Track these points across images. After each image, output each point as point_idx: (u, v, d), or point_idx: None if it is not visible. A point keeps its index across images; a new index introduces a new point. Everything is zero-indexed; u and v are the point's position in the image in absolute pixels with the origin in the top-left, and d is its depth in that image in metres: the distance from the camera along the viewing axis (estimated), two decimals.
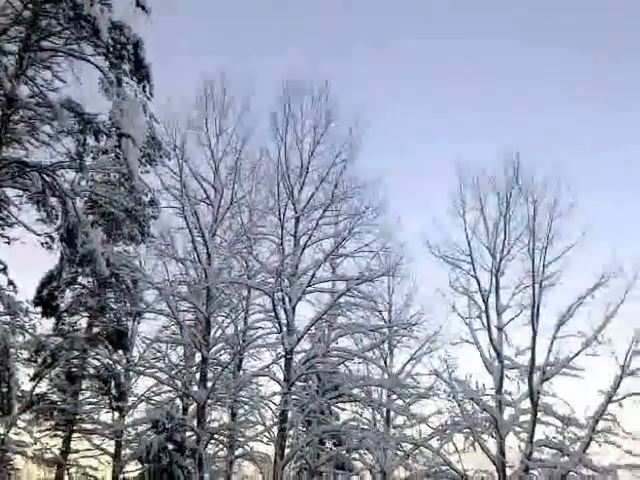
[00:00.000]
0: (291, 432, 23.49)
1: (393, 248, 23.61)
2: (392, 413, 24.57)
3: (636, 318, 21.24)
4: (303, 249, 23.10)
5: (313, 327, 23.35)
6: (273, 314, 22.37)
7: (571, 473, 20.62)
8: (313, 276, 22.84)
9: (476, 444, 21.61)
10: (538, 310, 21.66)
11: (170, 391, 24.12)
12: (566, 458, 20.91)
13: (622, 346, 21.28)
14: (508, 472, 21.30)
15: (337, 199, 23.30)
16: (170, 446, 20.23)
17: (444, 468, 22.09)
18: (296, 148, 23.44)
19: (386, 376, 24.29)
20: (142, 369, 23.57)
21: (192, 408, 23.47)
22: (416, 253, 24.34)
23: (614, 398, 20.92)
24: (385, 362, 25.07)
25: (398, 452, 23.83)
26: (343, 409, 25.57)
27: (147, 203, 20.48)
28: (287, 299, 22.32)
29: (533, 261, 22.02)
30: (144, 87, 14.41)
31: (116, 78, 13.15)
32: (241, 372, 24.32)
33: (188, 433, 21.83)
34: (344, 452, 24.92)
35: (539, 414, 21.27)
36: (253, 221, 23.23)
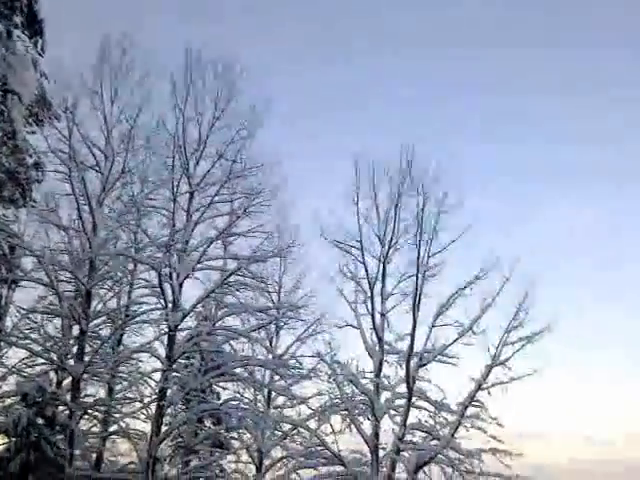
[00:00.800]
0: (169, 410, 23.21)
1: (287, 230, 23.88)
2: (273, 393, 24.77)
3: (510, 311, 22.58)
4: (195, 225, 22.70)
5: (200, 305, 23.09)
6: (159, 290, 21.84)
7: (439, 456, 21.61)
8: (204, 253, 22.52)
9: (352, 426, 22.25)
10: (420, 299, 22.52)
11: (44, 364, 23.07)
12: (435, 441, 21.95)
13: (495, 337, 22.59)
14: (381, 453, 22.12)
15: (234, 177, 23.02)
16: (40, 421, 19.38)
17: (320, 448, 22.59)
18: (195, 121, 22.88)
19: (270, 357, 24.45)
20: (15, 340, 22.34)
21: (67, 382, 22.59)
22: (309, 236, 24.48)
23: (484, 386, 22.13)
24: (270, 343, 25.19)
25: (276, 432, 24.09)
26: (225, 388, 25.54)
27: (31, 165, 19.27)
28: (175, 275, 21.88)
29: (419, 251, 22.83)
30: (36, 42, 13.58)
31: (6, 30, 12.26)
32: (121, 347, 23.66)
33: (60, 408, 20.99)
34: (223, 431, 24.90)
35: (414, 399, 22.17)
36: (144, 193, 22.50)
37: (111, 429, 23.89)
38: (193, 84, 22.87)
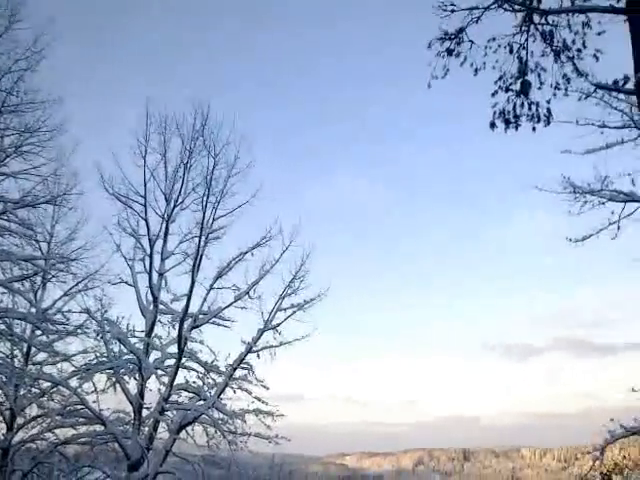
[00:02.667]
0: None
1: (65, 176, 22.13)
2: (33, 349, 23.16)
3: (286, 278, 23.29)
4: None
5: None
6: None
7: (203, 416, 21.76)
8: None
9: (117, 385, 21.59)
10: (200, 260, 22.34)
11: None
12: (201, 402, 22.07)
13: (270, 303, 23.20)
14: (145, 413, 21.79)
15: (7, 111, 20.73)
16: None
17: (79, 407, 21.63)
18: None
19: (33, 310, 22.72)
20: None
21: None
22: (89, 186, 22.96)
23: (254, 349, 22.68)
24: (35, 296, 23.46)
25: (34, 389, 22.63)
26: None
27: None
28: None
29: (204, 213, 22.54)
30: None
31: None
32: None
33: None
34: None
35: (184, 359, 22.11)
36: None
37: None
38: None
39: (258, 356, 22.77)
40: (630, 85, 10.25)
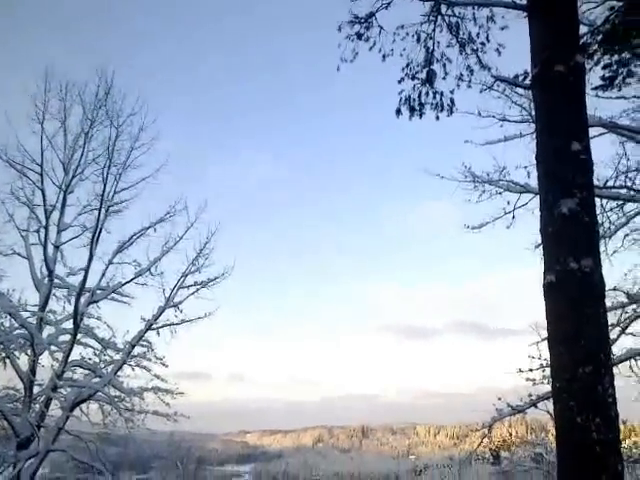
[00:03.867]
0: None
1: None
2: None
3: (190, 255, 22.95)
4: None
5: None
6: None
7: (99, 393, 21.19)
8: None
9: (7, 361, 20.62)
10: (100, 234, 21.52)
11: None
12: (97, 379, 21.47)
13: (172, 280, 22.81)
14: (36, 390, 20.95)
15: None
16: None
17: None
18: None
19: None
20: None
21: None
22: None
23: (154, 326, 22.28)
24: None
25: None
26: None
27: None
28: None
29: (105, 185, 21.68)
30: None
31: None
32: None
33: None
34: None
35: (79, 335, 21.39)
36: None
37: None
38: None
39: (158, 333, 22.44)
40: (528, 81, 10.65)
